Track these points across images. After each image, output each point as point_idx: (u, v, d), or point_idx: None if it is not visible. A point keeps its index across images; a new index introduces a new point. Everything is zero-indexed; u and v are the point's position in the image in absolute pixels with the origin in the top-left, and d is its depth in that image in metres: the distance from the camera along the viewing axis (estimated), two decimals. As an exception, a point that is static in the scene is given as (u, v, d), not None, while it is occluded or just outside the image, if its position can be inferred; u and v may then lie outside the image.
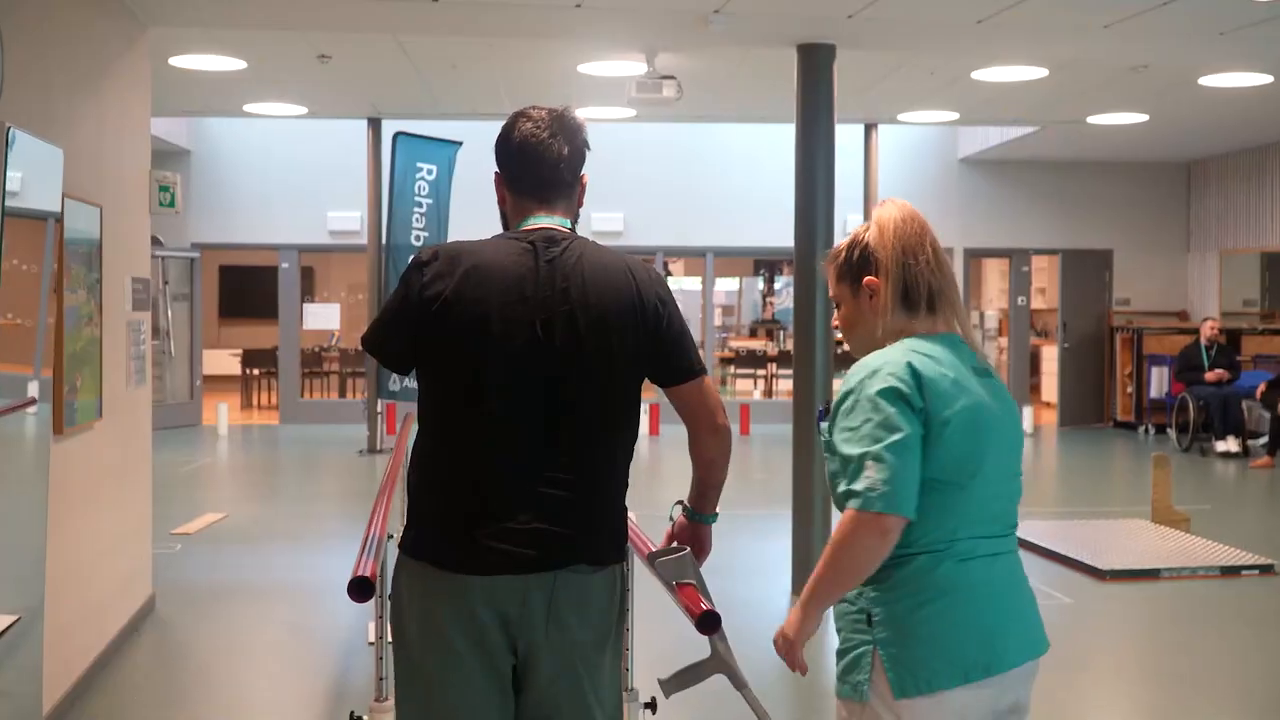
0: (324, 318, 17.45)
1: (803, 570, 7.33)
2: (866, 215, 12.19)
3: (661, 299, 2.77)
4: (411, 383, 12.38)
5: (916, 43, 7.90)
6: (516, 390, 2.64)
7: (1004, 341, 18.63)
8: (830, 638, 2.68)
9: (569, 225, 2.82)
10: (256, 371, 19.11)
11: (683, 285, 21.15)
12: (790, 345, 17.36)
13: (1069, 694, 5.71)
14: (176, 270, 16.83)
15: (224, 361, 20.74)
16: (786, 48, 7.36)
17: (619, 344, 2.70)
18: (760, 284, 20.89)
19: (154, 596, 7.01)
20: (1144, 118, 12.53)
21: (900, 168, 16.83)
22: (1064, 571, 7.91)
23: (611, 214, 16.99)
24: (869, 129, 13.91)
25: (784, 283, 20.79)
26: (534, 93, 11.70)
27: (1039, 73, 10.02)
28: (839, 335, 7.64)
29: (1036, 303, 19.87)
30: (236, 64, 10.38)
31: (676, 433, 14.66)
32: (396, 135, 13.88)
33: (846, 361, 2.79)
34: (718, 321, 21.39)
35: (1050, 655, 2.60)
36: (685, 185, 16.86)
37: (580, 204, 2.91)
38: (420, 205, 14.10)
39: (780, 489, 8.68)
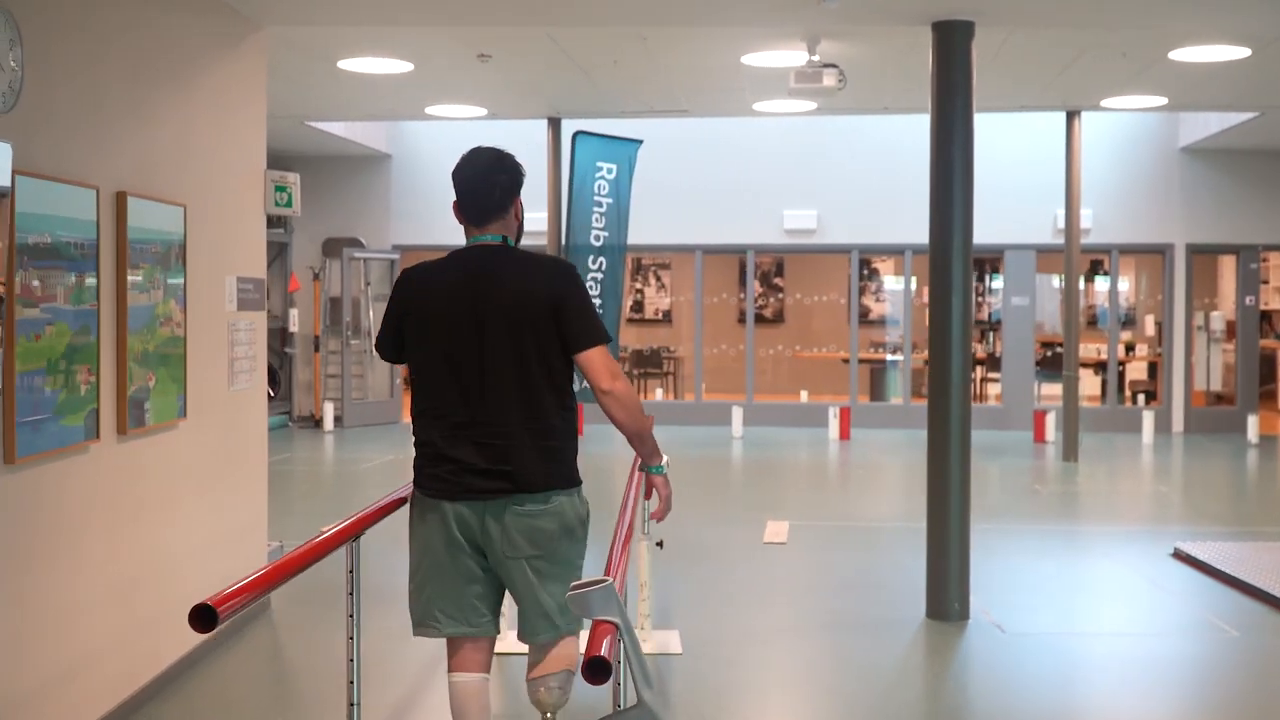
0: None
1: (937, 590, 6.79)
2: (1070, 208, 11.45)
3: (566, 286, 3.67)
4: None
5: (1065, 16, 7.23)
6: (457, 369, 3.66)
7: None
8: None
9: (502, 239, 3.76)
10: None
11: (898, 285, 20.35)
12: (1000, 347, 16.64)
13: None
14: (378, 271, 17.18)
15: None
16: (920, 25, 6.83)
17: (531, 326, 3.62)
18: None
19: (269, 598, 6.98)
20: (1371, 99, 11.36)
21: (1113, 157, 15.85)
22: (1239, 600, 7.12)
23: (804, 211, 16.52)
24: (1070, 116, 13.03)
25: (995, 281, 19.80)
26: (703, 88, 11.38)
27: (1241, 52, 9.13)
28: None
29: (1276, 302, 18.44)
30: (403, 66, 10.38)
31: (868, 436, 13.98)
32: (576, 134, 13.77)
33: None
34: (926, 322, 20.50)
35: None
36: (881, 180, 16.21)
37: (518, 220, 3.83)
38: (600, 205, 13.95)
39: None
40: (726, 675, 5.89)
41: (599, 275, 13.69)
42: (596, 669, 2.30)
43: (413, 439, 3.81)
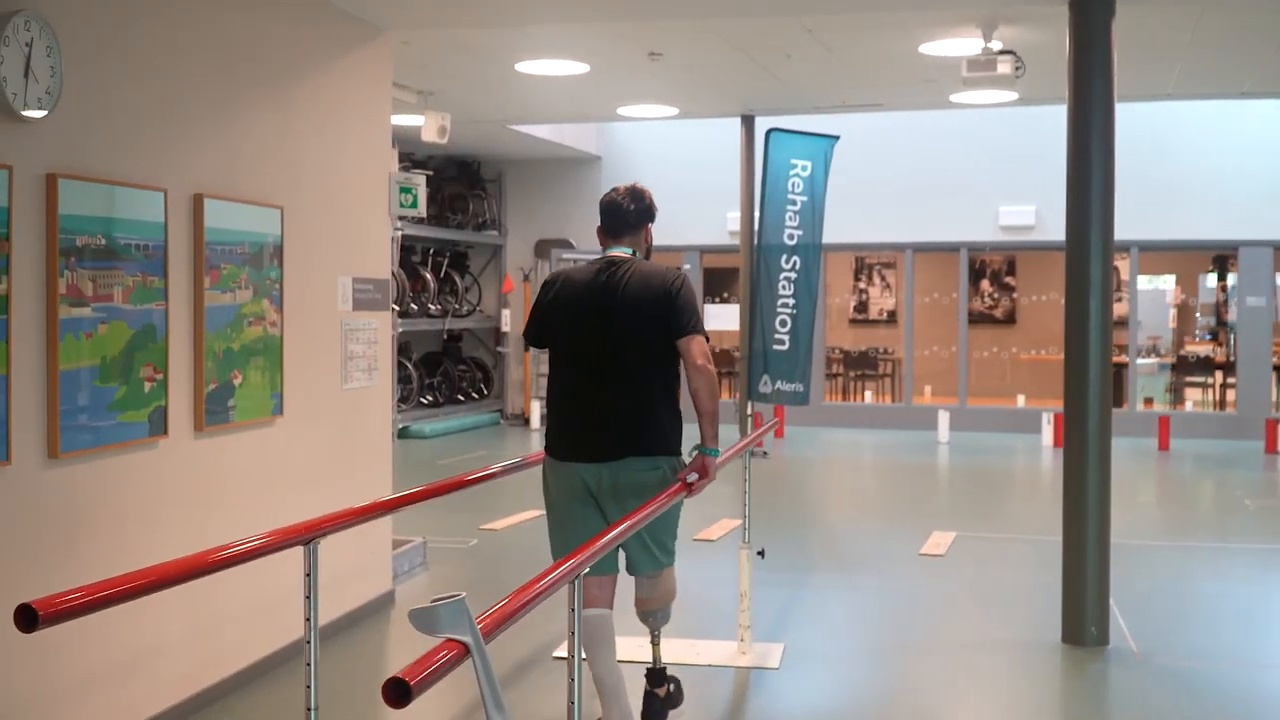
0: (724, 319, 17.35)
1: (1072, 613, 6.29)
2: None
3: (675, 286, 4.56)
4: (783, 385, 12.02)
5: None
6: (585, 356, 4.60)
7: None
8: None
9: (631, 252, 4.73)
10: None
11: (1149, 285, 19.20)
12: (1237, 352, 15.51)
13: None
14: (588, 272, 17.32)
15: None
16: (1057, 4, 6.37)
17: (647, 323, 4.53)
18: (1211, 281, 18.73)
19: (393, 593, 7.05)
20: None
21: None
22: None
23: (1022, 207, 15.82)
24: (1298, 102, 12.02)
25: (1232, 281, 18.52)
26: (890, 80, 11.01)
27: None
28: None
29: None
30: (579, 67, 10.37)
31: (1131, 445, 12.95)
32: (769, 132, 13.48)
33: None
34: (1172, 324, 19.49)
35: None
36: (1104, 174, 15.34)
37: (647, 241, 4.83)
38: (794, 203, 13.61)
39: (1143, 515, 7.47)
40: (816, 695, 5.60)
41: (791, 275, 13.35)
42: (398, 693, 2.14)
43: (545, 411, 4.71)
